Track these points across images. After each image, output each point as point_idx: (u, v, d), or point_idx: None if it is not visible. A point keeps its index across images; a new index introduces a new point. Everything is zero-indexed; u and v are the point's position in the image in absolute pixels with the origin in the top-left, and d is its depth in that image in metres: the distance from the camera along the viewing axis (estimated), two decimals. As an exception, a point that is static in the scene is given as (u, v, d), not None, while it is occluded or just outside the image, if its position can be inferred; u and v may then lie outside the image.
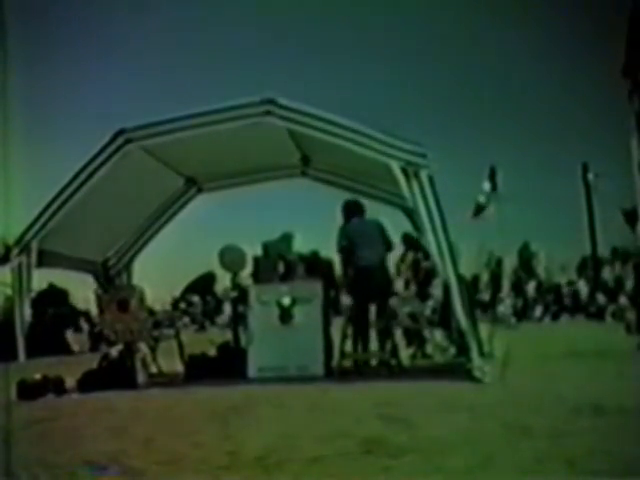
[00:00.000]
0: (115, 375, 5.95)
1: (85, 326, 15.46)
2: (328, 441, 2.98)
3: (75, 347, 13.84)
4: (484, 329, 6.69)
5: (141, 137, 5.94)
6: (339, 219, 6.72)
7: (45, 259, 6.24)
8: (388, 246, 6.55)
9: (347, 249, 6.36)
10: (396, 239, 7.37)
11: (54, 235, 6.11)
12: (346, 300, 6.91)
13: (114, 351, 6.39)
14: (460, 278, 5.41)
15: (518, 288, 25.56)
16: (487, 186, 8.79)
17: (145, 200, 7.48)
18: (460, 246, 6.38)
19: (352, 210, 6.64)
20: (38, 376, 5.64)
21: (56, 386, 5.64)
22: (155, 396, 5.25)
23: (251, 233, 10.24)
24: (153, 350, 6.71)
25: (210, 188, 7.97)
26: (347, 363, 6.26)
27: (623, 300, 16.76)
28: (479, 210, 8.65)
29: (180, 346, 6.72)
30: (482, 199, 8.60)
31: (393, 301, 6.58)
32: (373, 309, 6.49)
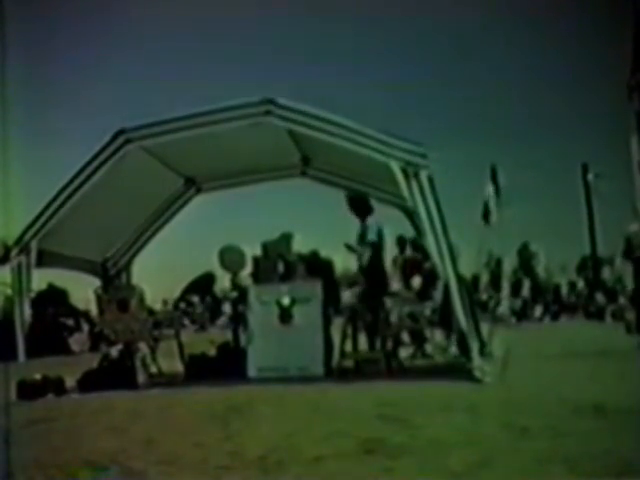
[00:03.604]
0: (115, 375, 5.95)
1: (85, 326, 15.42)
2: (328, 441, 2.98)
3: (75, 347, 13.85)
4: (484, 329, 6.70)
5: (141, 137, 5.95)
6: (339, 219, 6.72)
7: (45, 259, 6.24)
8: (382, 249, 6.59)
9: (377, 245, 6.35)
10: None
11: (54, 235, 6.12)
12: (346, 299, 6.91)
13: (114, 351, 6.39)
14: (460, 278, 5.41)
15: (518, 288, 25.57)
16: (491, 189, 8.72)
17: (145, 200, 7.48)
18: (459, 246, 6.38)
19: (362, 208, 6.56)
20: (38, 376, 5.63)
21: (56, 386, 5.64)
22: (155, 396, 5.25)
23: (251, 233, 10.23)
24: (153, 350, 6.71)
25: (210, 188, 7.97)
26: (347, 363, 6.27)
27: (623, 300, 16.75)
28: (487, 214, 8.60)
29: (180, 346, 6.71)
30: (491, 203, 8.55)
31: (393, 301, 6.57)
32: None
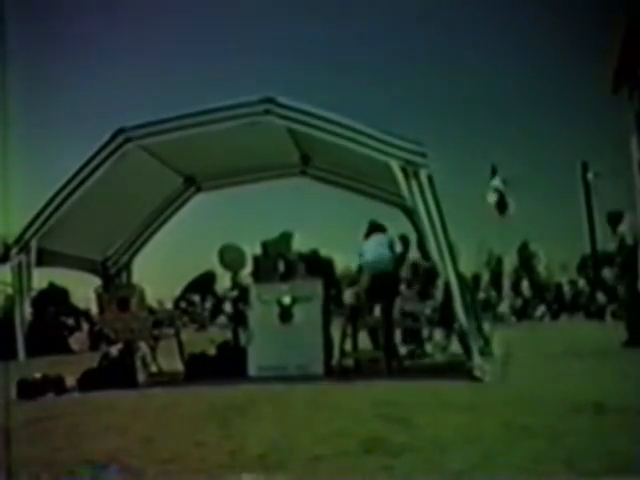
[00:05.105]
0: (115, 374, 5.96)
1: (85, 325, 15.44)
2: (328, 440, 2.98)
3: (75, 346, 13.87)
4: (485, 328, 6.70)
5: (140, 136, 5.94)
6: (339, 218, 6.83)
7: (45, 258, 6.24)
8: (395, 257, 6.65)
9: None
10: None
11: (54, 234, 6.12)
12: (347, 299, 6.95)
13: (114, 350, 6.40)
14: (461, 278, 5.41)
15: (518, 287, 25.59)
16: (498, 181, 8.57)
17: (144, 199, 7.48)
18: (460, 245, 6.40)
19: (374, 229, 6.79)
20: (38, 375, 5.64)
21: (56, 385, 5.65)
22: (155, 395, 5.25)
23: (251, 232, 10.27)
24: (153, 349, 6.72)
25: (209, 187, 7.97)
26: (348, 362, 6.27)
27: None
28: (502, 205, 8.52)
29: (180, 345, 6.72)
30: (500, 190, 8.47)
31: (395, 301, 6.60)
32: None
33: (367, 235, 6.76)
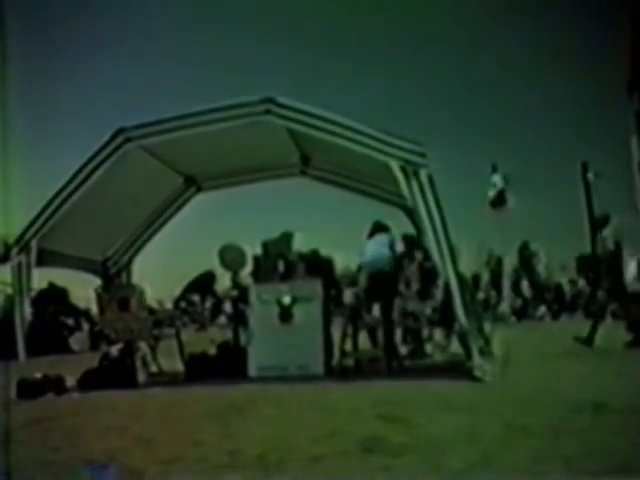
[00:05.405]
0: (115, 374, 5.95)
1: (85, 325, 15.43)
2: (328, 440, 2.98)
3: (75, 346, 13.87)
4: (484, 328, 6.70)
5: (140, 136, 5.94)
6: (339, 218, 6.84)
7: (45, 258, 6.25)
8: (395, 257, 6.69)
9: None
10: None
11: (54, 234, 6.12)
12: (347, 298, 6.95)
13: (114, 350, 6.39)
14: (461, 277, 5.41)
15: (518, 287, 25.59)
16: (498, 178, 8.52)
17: (145, 199, 7.48)
18: (460, 245, 6.40)
19: (377, 229, 6.82)
20: (38, 375, 5.64)
21: (56, 385, 5.65)
22: (155, 395, 5.25)
23: (251, 232, 10.25)
24: (153, 349, 6.71)
25: (209, 187, 7.97)
26: (348, 362, 6.27)
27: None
28: (498, 200, 8.45)
29: (180, 345, 6.71)
30: (498, 187, 8.43)
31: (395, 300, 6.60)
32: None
33: (371, 235, 6.77)
